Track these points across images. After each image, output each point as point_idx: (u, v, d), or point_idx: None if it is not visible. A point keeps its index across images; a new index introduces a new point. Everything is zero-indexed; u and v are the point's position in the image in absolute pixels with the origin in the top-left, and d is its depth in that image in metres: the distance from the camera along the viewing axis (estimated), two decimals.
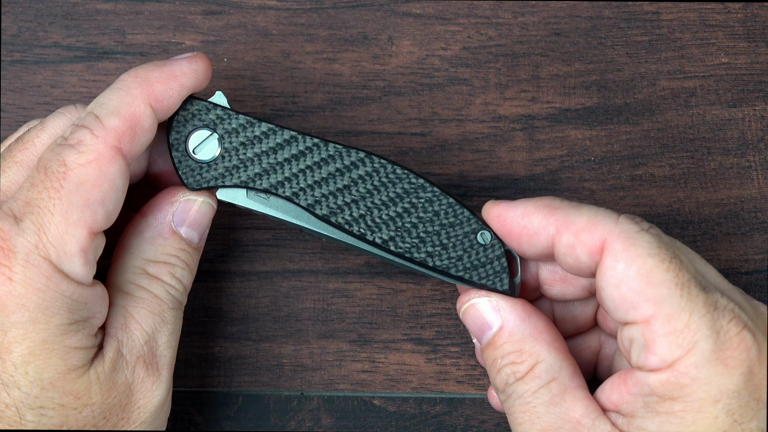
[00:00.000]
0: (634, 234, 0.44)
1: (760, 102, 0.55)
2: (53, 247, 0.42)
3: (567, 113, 0.55)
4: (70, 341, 0.43)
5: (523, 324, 0.46)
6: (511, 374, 0.45)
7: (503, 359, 0.45)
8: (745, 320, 0.42)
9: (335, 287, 0.53)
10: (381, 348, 0.53)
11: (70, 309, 0.43)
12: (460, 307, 0.47)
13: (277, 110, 0.55)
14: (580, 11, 0.56)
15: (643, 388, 0.43)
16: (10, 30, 0.55)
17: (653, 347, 0.42)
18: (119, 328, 0.45)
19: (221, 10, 0.55)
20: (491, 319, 0.46)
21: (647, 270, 0.43)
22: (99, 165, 0.43)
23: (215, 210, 0.48)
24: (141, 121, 0.45)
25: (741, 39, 0.55)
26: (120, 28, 0.55)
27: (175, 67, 0.46)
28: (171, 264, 0.47)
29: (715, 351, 0.42)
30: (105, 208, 0.44)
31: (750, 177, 0.54)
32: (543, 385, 0.45)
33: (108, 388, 0.44)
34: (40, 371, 0.43)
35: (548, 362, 0.45)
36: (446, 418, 0.53)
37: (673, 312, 0.42)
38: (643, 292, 0.43)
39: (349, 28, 0.55)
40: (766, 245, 0.54)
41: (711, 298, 0.43)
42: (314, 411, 0.53)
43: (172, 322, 0.47)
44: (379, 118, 0.55)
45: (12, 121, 0.54)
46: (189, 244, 0.48)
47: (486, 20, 0.56)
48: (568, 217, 0.45)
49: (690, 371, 0.42)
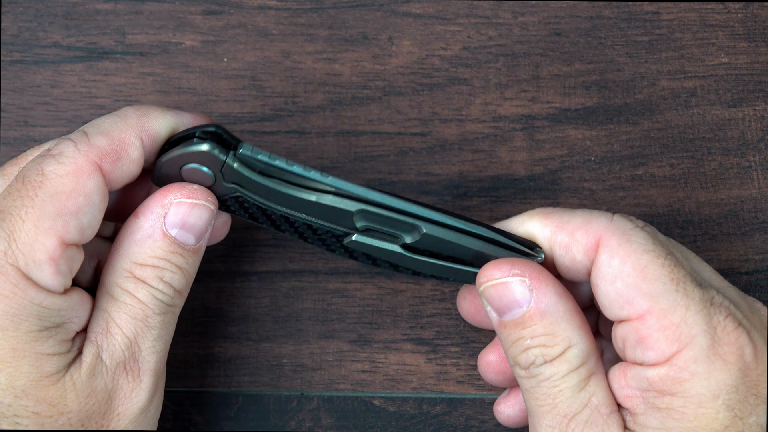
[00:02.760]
0: (629, 231, 0.44)
1: (760, 102, 0.55)
2: (22, 254, 0.42)
3: (567, 113, 0.55)
4: (41, 348, 0.42)
5: (557, 305, 0.44)
6: (540, 356, 0.44)
7: (533, 340, 0.44)
8: (739, 318, 0.43)
9: (335, 287, 0.53)
10: (381, 348, 0.53)
11: (39, 316, 0.42)
12: (486, 281, 0.45)
13: (277, 110, 0.55)
14: (580, 11, 0.56)
15: (642, 383, 0.43)
16: (10, 30, 0.55)
17: (649, 342, 0.42)
18: (100, 332, 0.45)
19: (221, 10, 0.55)
20: (523, 298, 0.44)
21: (642, 265, 0.43)
22: (76, 177, 0.43)
23: (214, 212, 0.46)
24: (128, 149, 0.44)
25: (741, 39, 0.55)
26: (120, 28, 0.55)
27: (179, 116, 0.46)
28: (159, 267, 0.45)
29: (712, 346, 0.42)
30: (79, 221, 0.43)
31: (750, 177, 0.54)
32: (573, 369, 0.44)
33: (85, 395, 0.44)
34: (12, 379, 0.42)
35: (580, 347, 0.44)
36: (446, 418, 0.53)
37: (669, 307, 0.42)
38: (638, 288, 0.43)
39: (349, 28, 0.55)
40: (766, 245, 0.54)
41: (707, 294, 0.43)
42: (314, 411, 0.53)
43: (158, 327, 0.45)
44: (379, 118, 0.55)
45: (12, 121, 0.54)
46: (182, 247, 0.46)
47: (486, 20, 0.56)
48: (563, 219, 0.45)
49: (689, 366, 0.42)
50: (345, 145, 0.54)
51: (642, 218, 0.50)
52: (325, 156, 0.54)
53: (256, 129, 0.55)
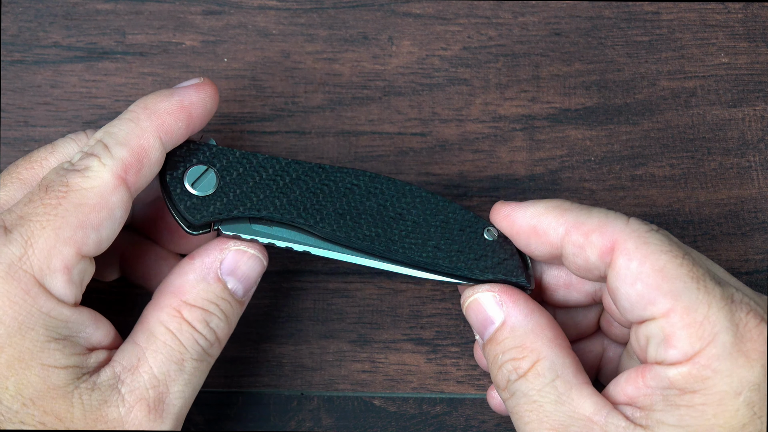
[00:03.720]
0: (645, 233, 0.44)
1: (760, 102, 0.55)
2: (38, 260, 0.42)
3: (567, 113, 0.55)
4: (47, 359, 0.42)
5: (526, 319, 0.45)
6: (513, 370, 0.45)
7: (504, 355, 0.45)
8: (762, 314, 0.42)
9: (335, 287, 0.53)
10: (381, 348, 0.53)
11: (46, 326, 0.42)
12: (464, 302, 0.47)
13: (277, 110, 0.55)
14: (580, 11, 0.56)
15: (662, 382, 0.43)
16: (10, 30, 0.55)
17: (673, 341, 0.42)
18: (126, 367, 0.44)
19: (221, 10, 0.55)
20: (494, 314, 0.46)
21: (661, 266, 0.43)
22: (101, 192, 0.43)
23: (265, 268, 0.47)
24: (149, 154, 0.44)
25: (741, 39, 0.56)
26: (120, 28, 0.55)
27: (184, 96, 0.46)
28: (208, 311, 0.45)
29: (735, 343, 0.42)
30: (98, 235, 0.43)
31: (750, 177, 0.54)
32: (548, 383, 0.44)
33: (94, 418, 0.43)
34: (20, 387, 0.42)
35: (550, 359, 0.45)
36: (446, 418, 0.53)
37: (691, 304, 0.42)
38: (659, 288, 0.43)
39: (349, 28, 0.55)
40: (766, 245, 0.54)
41: (727, 291, 0.43)
42: (314, 411, 0.53)
43: (191, 373, 0.45)
44: (379, 118, 0.55)
45: (12, 121, 0.54)
46: (233, 296, 0.46)
47: (486, 20, 0.56)
48: (578, 218, 0.45)
49: (712, 363, 0.42)
50: (345, 145, 0.54)
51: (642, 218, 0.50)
52: (325, 156, 0.54)
53: (256, 129, 0.55)
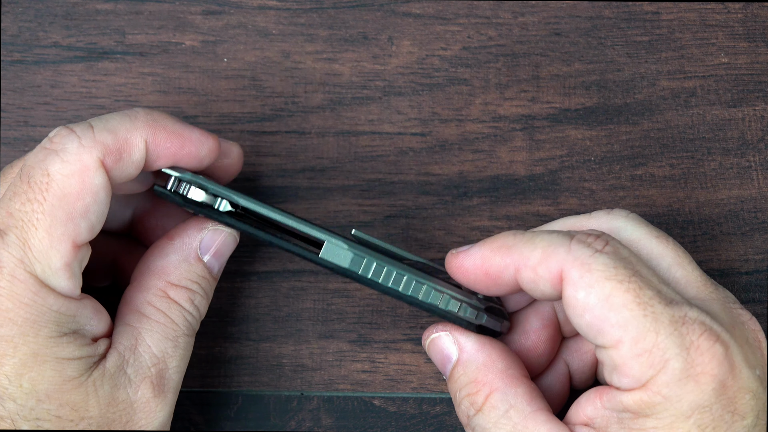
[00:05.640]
0: (588, 259, 0.43)
1: (760, 102, 0.55)
2: (38, 262, 0.42)
3: (567, 113, 0.55)
4: (62, 352, 0.43)
5: (477, 354, 0.46)
6: (470, 406, 0.46)
7: (461, 391, 0.46)
8: (717, 332, 0.42)
9: (335, 287, 0.53)
10: (381, 348, 0.53)
11: (57, 322, 0.43)
12: (425, 342, 0.48)
13: (277, 110, 0.55)
14: (580, 11, 0.56)
15: (617, 405, 0.43)
16: (10, 30, 0.55)
17: (624, 369, 0.42)
18: (128, 348, 0.45)
19: (221, 10, 0.55)
20: (450, 352, 0.47)
21: (606, 294, 0.42)
22: (82, 176, 0.43)
23: (237, 244, 0.49)
24: (131, 150, 0.44)
25: (741, 39, 0.55)
26: (120, 28, 0.55)
27: (187, 128, 0.46)
28: (192, 290, 0.47)
29: (685, 368, 0.42)
30: (88, 221, 0.43)
31: (750, 177, 0.54)
32: (502, 414, 0.45)
33: (106, 403, 0.44)
34: (35, 383, 0.43)
35: (502, 390, 0.45)
36: (446, 418, 0.53)
37: (640, 334, 0.42)
38: (606, 319, 0.42)
39: (349, 28, 0.55)
40: (766, 245, 0.54)
41: (678, 312, 0.42)
42: (314, 411, 0.53)
43: (184, 348, 0.47)
44: (379, 118, 0.55)
45: (12, 121, 0.54)
46: (210, 273, 0.48)
47: (486, 20, 0.56)
48: (523, 253, 0.45)
49: (662, 390, 0.42)
50: (345, 145, 0.54)
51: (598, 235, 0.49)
52: (325, 156, 0.54)
53: (256, 129, 0.55)
